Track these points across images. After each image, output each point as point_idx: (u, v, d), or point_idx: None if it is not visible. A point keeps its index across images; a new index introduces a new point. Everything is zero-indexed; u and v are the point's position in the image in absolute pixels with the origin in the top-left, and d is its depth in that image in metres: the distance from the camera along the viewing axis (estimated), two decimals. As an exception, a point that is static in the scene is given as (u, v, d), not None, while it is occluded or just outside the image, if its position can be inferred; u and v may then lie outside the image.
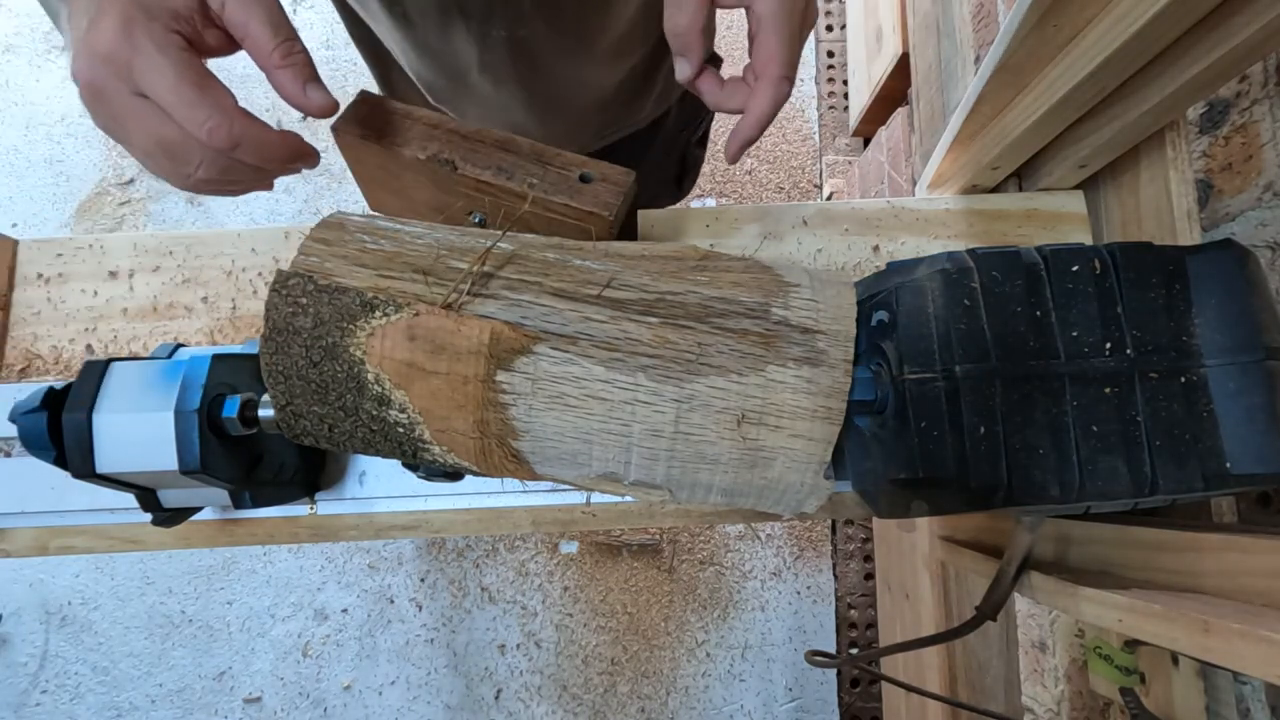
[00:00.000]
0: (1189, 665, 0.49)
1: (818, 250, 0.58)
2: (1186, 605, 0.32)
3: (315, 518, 0.52)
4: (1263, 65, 0.57)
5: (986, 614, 0.43)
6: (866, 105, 1.43)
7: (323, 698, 1.43)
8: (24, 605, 1.47)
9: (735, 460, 0.36)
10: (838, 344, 0.36)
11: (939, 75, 0.75)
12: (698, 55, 0.42)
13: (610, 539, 1.46)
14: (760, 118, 0.42)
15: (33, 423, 0.37)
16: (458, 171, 0.43)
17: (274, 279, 0.34)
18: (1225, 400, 0.33)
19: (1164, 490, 0.33)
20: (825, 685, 1.43)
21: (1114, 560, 0.42)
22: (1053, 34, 0.42)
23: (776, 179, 1.67)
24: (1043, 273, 0.35)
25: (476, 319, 0.34)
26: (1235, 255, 0.35)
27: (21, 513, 0.51)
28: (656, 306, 0.36)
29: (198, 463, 0.38)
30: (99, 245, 0.59)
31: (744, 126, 0.43)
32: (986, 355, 0.34)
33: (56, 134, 1.74)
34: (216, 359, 0.40)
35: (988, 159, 0.54)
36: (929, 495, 0.36)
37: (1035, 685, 0.86)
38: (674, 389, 0.35)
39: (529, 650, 1.44)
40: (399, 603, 1.47)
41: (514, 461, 0.36)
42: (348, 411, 0.35)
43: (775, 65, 0.40)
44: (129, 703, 1.44)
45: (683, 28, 0.41)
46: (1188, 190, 0.49)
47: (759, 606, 1.46)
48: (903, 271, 0.38)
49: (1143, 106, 0.44)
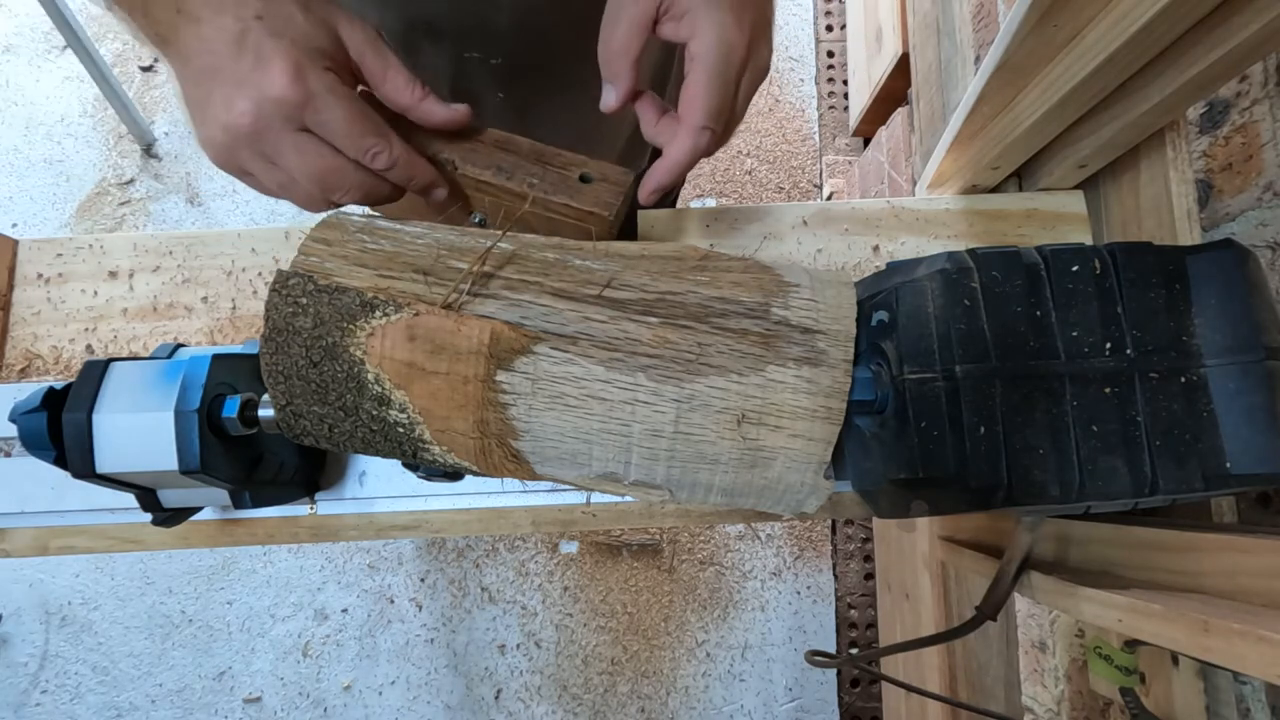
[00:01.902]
0: (1189, 665, 0.49)
1: (818, 250, 0.58)
2: (1186, 605, 0.32)
3: (315, 518, 0.52)
4: (1263, 65, 0.57)
5: (986, 614, 0.43)
6: (866, 105, 1.43)
7: (323, 698, 1.43)
8: (24, 605, 1.47)
9: (735, 460, 0.36)
10: (838, 344, 0.36)
11: (939, 75, 0.75)
12: (624, 84, 0.40)
13: (610, 539, 1.46)
14: (673, 165, 0.40)
15: (33, 423, 0.37)
16: (457, 171, 0.43)
17: (274, 279, 0.34)
18: (1225, 400, 0.33)
19: (1164, 490, 0.33)
20: (825, 685, 1.43)
21: (1114, 560, 0.42)
22: (1053, 34, 0.42)
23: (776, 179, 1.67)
24: (1043, 273, 0.35)
25: (476, 319, 0.34)
26: (1235, 255, 0.35)
27: (21, 513, 0.51)
28: (656, 306, 0.36)
29: (198, 463, 0.38)
30: (99, 245, 0.59)
31: (657, 170, 0.41)
32: (986, 355, 0.34)
33: (56, 134, 1.74)
34: (216, 359, 0.40)
35: (988, 159, 0.54)
36: (929, 495, 0.36)
37: (1035, 685, 0.86)
38: (674, 389, 0.35)
39: (529, 650, 1.44)
40: (399, 603, 1.47)
41: (514, 461, 0.36)
42: (348, 411, 0.35)
43: (697, 113, 0.38)
44: (129, 703, 1.43)
45: (611, 51, 0.40)
46: (1188, 190, 0.49)
47: (759, 606, 1.46)
48: (903, 271, 0.38)
49: (1143, 106, 0.44)
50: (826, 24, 1.71)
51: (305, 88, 0.35)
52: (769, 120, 1.69)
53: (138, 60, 1.77)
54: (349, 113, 0.37)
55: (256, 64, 0.35)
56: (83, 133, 1.73)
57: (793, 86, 1.70)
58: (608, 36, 0.40)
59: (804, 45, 1.73)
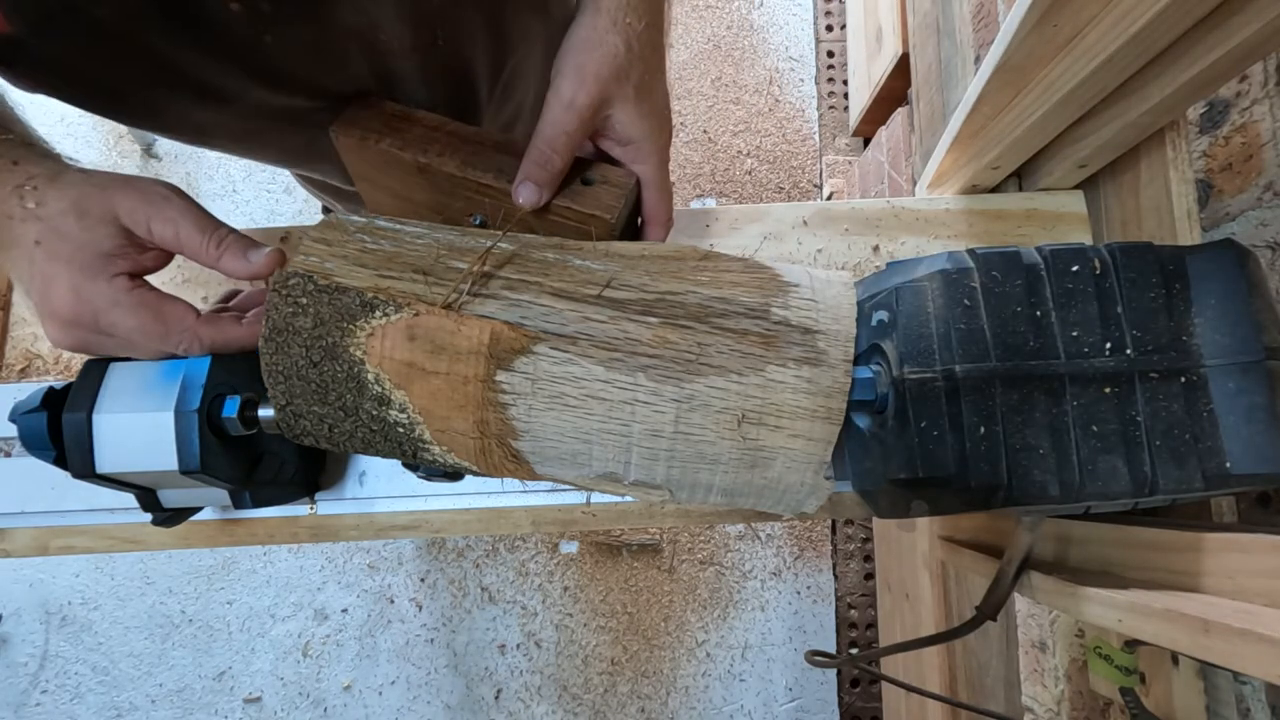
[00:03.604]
0: (1189, 665, 0.49)
1: (818, 250, 0.58)
2: (1186, 605, 0.32)
3: (315, 518, 0.52)
4: (1263, 65, 0.57)
5: (986, 614, 0.43)
6: (866, 105, 1.43)
7: (323, 698, 1.43)
8: (24, 605, 1.47)
9: (735, 460, 0.36)
10: (838, 344, 0.36)
11: (939, 75, 0.75)
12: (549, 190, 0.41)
13: (610, 539, 1.46)
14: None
15: (33, 423, 0.37)
16: (459, 175, 0.43)
17: (274, 279, 0.34)
18: (1225, 400, 0.33)
19: (1164, 490, 0.33)
20: (825, 685, 1.43)
21: (1114, 560, 0.42)
22: (1053, 34, 0.42)
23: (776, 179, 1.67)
24: (1043, 273, 0.35)
25: (476, 319, 0.34)
26: (1235, 255, 0.35)
27: (21, 513, 0.51)
28: (656, 306, 0.36)
29: (198, 463, 0.38)
30: (99, 245, 0.59)
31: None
32: (986, 355, 0.34)
33: (56, 134, 1.73)
34: (216, 359, 0.40)
35: (988, 159, 0.54)
36: (929, 495, 0.36)
37: (1035, 685, 0.86)
38: (674, 389, 0.35)
39: (529, 650, 1.44)
40: (399, 603, 1.47)
41: (514, 461, 0.36)
42: (348, 411, 0.34)
43: (663, 215, 0.45)
44: (129, 703, 1.43)
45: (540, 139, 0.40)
46: (1188, 190, 0.49)
47: (759, 606, 1.46)
48: (903, 271, 0.38)
49: (1143, 106, 0.44)
50: (826, 24, 1.71)
51: (90, 308, 0.37)
52: (769, 120, 1.69)
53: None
54: (138, 320, 0.38)
55: (44, 288, 0.37)
56: (83, 133, 1.73)
57: (793, 86, 1.70)
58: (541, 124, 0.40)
59: (804, 45, 1.73)
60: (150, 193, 0.38)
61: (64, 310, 0.37)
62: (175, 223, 0.38)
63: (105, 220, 0.37)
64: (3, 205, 0.37)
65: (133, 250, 0.38)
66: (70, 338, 0.38)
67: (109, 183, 0.38)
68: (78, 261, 0.37)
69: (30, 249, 0.36)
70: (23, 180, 0.37)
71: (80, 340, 0.38)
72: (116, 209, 0.37)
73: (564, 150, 0.40)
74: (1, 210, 0.37)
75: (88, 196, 0.37)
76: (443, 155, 0.43)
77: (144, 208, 0.38)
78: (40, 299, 0.37)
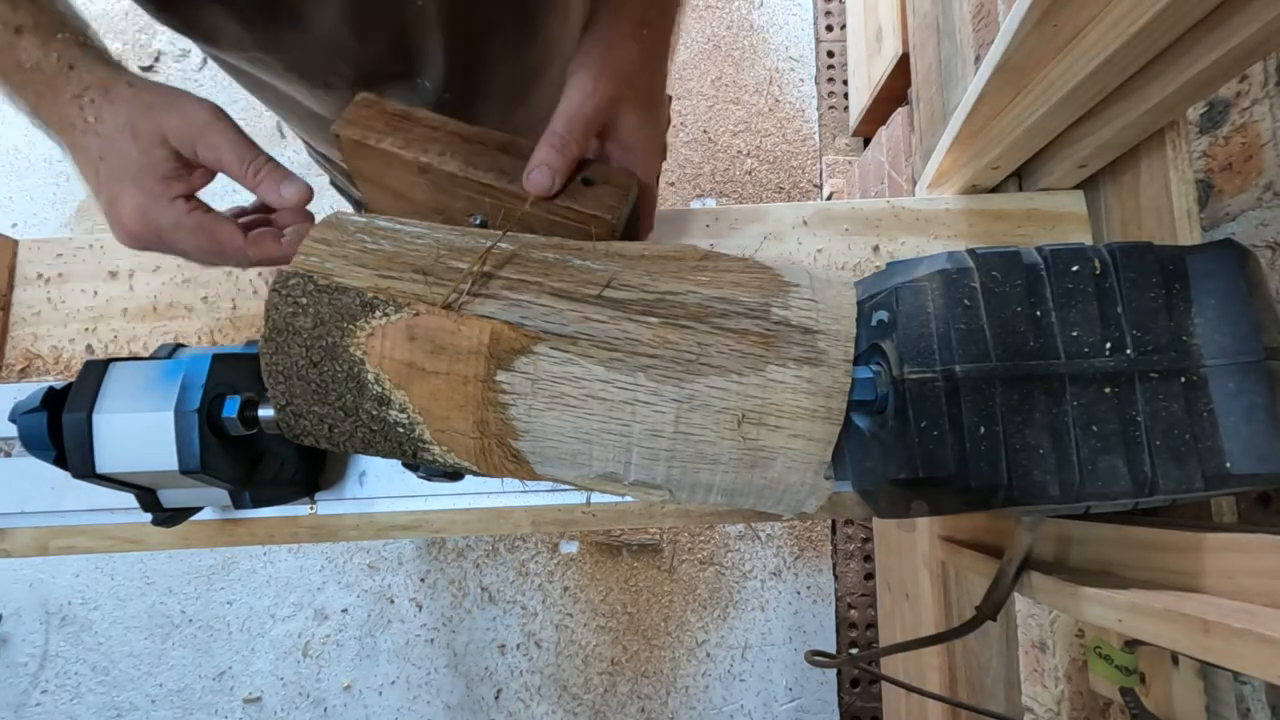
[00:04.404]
0: (1189, 665, 0.49)
1: (818, 250, 0.58)
2: (1186, 605, 0.32)
3: (315, 518, 0.52)
4: (1263, 65, 0.57)
5: (986, 614, 0.43)
6: (866, 105, 1.43)
7: (323, 698, 1.43)
8: (24, 605, 1.47)
9: (735, 460, 0.36)
10: (838, 344, 0.36)
11: (939, 75, 0.75)
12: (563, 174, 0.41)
13: (610, 539, 1.46)
14: None
15: (33, 423, 0.37)
16: (460, 175, 0.43)
17: (274, 279, 0.34)
18: (1225, 400, 0.33)
19: (1164, 490, 0.33)
20: (825, 685, 1.43)
21: (1114, 560, 0.42)
22: (1053, 34, 0.42)
23: (776, 179, 1.67)
24: (1043, 273, 0.35)
25: (476, 319, 0.34)
26: (1235, 255, 0.35)
27: (21, 513, 0.51)
28: (656, 306, 0.36)
29: (198, 463, 0.38)
30: (99, 245, 0.59)
31: None
32: (986, 355, 0.34)
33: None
34: (216, 359, 0.40)
35: (988, 159, 0.54)
36: (929, 495, 0.36)
37: (1035, 685, 0.86)
38: (674, 389, 0.35)
39: (529, 650, 1.44)
40: (399, 603, 1.47)
41: (514, 461, 0.36)
42: (348, 411, 0.35)
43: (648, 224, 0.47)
44: (129, 703, 1.43)
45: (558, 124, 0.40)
46: (1188, 190, 0.49)
47: (759, 606, 1.46)
48: (903, 271, 0.38)
49: (1143, 106, 0.44)
50: (826, 24, 1.71)
51: (154, 227, 0.40)
52: (769, 120, 1.69)
53: (137, 61, 1.77)
54: (197, 241, 0.41)
55: (110, 205, 0.40)
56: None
57: (793, 86, 1.70)
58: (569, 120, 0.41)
59: (804, 45, 1.73)
60: (195, 118, 0.40)
61: (132, 227, 0.40)
62: (218, 149, 0.41)
63: (157, 143, 0.40)
64: (65, 111, 0.39)
65: (184, 171, 0.41)
66: (136, 246, 0.42)
67: (155, 101, 0.40)
68: (141, 184, 0.40)
69: (95, 162, 0.40)
70: (80, 90, 0.39)
71: (145, 248, 0.42)
72: (165, 131, 0.40)
73: (580, 138, 0.41)
74: (64, 117, 0.39)
75: (139, 116, 0.39)
76: (444, 155, 0.43)
77: (189, 131, 0.40)
78: (109, 209, 0.40)
